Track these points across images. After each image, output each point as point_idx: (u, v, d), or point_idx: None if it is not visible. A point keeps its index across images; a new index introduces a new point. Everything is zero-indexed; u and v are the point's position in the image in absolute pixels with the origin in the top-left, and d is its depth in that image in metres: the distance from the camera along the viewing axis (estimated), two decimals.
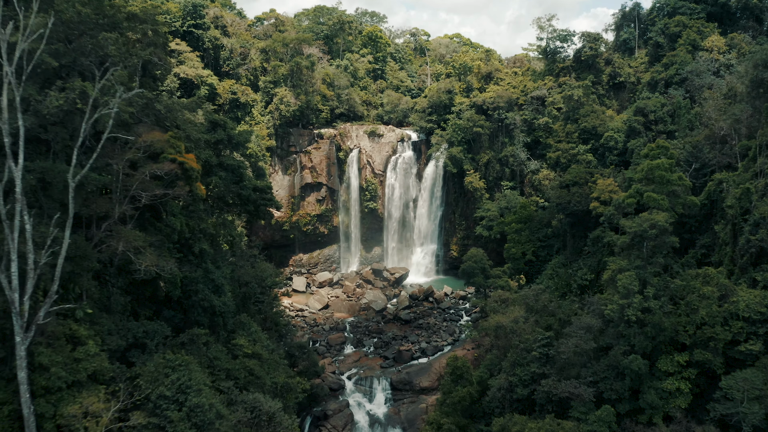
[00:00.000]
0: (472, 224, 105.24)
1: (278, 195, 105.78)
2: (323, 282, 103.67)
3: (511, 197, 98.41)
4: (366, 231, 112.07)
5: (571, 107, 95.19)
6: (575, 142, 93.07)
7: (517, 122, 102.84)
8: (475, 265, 74.50)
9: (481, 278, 74.75)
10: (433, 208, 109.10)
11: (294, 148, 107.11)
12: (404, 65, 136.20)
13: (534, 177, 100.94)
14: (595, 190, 75.08)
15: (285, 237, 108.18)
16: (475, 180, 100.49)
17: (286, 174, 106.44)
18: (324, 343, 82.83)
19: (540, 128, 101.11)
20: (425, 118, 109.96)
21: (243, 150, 58.19)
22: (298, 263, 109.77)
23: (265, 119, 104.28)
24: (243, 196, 51.50)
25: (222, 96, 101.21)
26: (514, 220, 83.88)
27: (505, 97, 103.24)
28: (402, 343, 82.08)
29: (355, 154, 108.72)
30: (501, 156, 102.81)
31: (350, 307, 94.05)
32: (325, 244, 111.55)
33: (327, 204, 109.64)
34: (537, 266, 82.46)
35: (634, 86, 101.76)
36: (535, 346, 54.89)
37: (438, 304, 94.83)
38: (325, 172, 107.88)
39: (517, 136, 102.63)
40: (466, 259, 75.82)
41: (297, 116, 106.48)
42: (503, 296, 67.08)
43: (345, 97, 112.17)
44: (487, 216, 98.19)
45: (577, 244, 78.71)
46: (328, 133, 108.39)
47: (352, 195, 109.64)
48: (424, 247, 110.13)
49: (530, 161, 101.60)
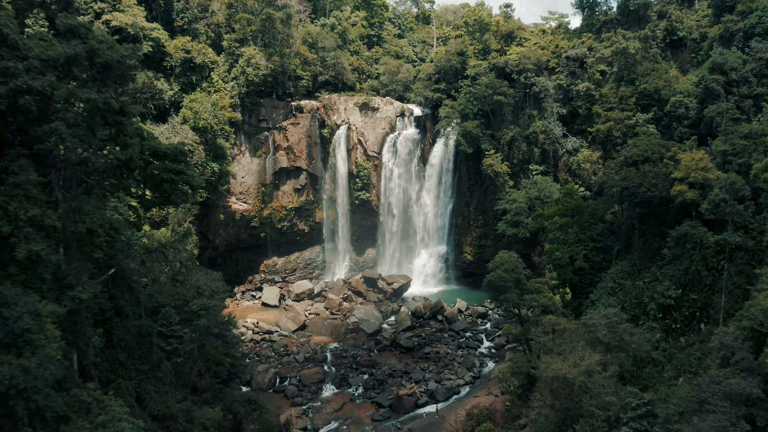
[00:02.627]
0: (491, 220, 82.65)
1: (244, 183, 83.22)
2: (301, 294, 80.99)
3: (543, 184, 75.85)
4: (357, 229, 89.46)
5: (624, 65, 72.70)
6: (631, 109, 70.55)
7: (549, 89, 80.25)
8: (506, 275, 51.84)
9: (514, 294, 52.09)
10: (442, 200, 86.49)
11: (265, 123, 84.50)
12: (404, 33, 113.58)
13: (571, 159, 78.46)
14: (677, 169, 52.62)
15: (254, 236, 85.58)
16: (496, 163, 77.85)
17: (255, 156, 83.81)
18: (295, 381, 60.23)
19: (579, 96, 78.48)
20: (431, 86, 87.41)
21: (127, 85, 35.25)
22: (271, 269, 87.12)
23: (228, 86, 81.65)
24: (125, 162, 28.90)
25: (173, 56, 78.56)
26: (557, 212, 61.23)
27: (533, 57, 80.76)
28: (402, 381, 59.46)
29: (343, 131, 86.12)
30: (528, 133, 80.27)
31: (334, 329, 71.36)
32: (305, 245, 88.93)
33: (307, 194, 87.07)
34: (589, 276, 59.77)
35: (697, 44, 78.99)
36: (627, 418, 32.63)
37: (450, 324, 72.09)
38: (305, 153, 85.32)
39: (549, 107, 80.00)
40: (494, 267, 53.15)
41: (269, 83, 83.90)
42: (555, 324, 44.44)
43: (331, 62, 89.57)
44: (512, 209, 75.59)
45: (649, 245, 56.05)
46: (310, 105, 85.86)
47: (340, 183, 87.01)
48: (430, 249, 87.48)
49: (567, 138, 78.97)
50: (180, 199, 36.03)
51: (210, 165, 74.25)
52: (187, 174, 33.78)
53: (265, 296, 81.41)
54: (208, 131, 74.42)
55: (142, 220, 71.84)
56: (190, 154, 72.44)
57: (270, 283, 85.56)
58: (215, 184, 76.54)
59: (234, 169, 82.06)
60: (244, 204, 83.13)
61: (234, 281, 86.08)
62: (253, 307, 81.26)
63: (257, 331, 71.83)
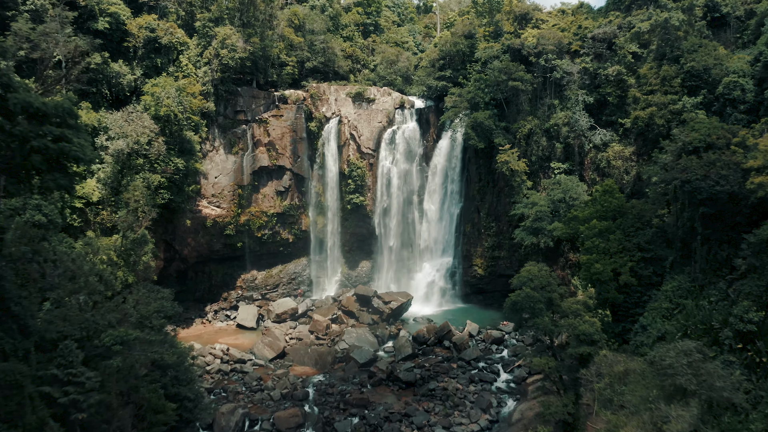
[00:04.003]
0: (505, 227, 70.76)
1: (217, 184, 71.48)
2: (283, 314, 68.82)
3: (569, 184, 64.04)
4: (349, 238, 77.56)
5: (665, 41, 61.28)
6: (676, 92, 58.98)
7: (573, 74, 68.76)
8: (536, 294, 39.79)
9: (546, 318, 40.02)
10: (448, 204, 74.65)
11: (243, 115, 72.96)
12: (404, 22, 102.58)
13: (599, 155, 66.79)
14: (752, 157, 41.01)
15: (229, 246, 73.63)
16: (512, 159, 66.08)
17: (231, 153, 72.13)
18: (268, 426, 47.95)
19: (608, 82, 66.93)
20: (435, 74, 75.94)
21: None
22: (250, 285, 75.01)
23: (200, 72, 70.25)
24: None
25: (135, 35, 67.26)
26: (595, 214, 49.23)
27: (553, 38, 69.39)
28: (401, 427, 47.10)
29: (334, 125, 74.53)
30: (549, 125, 68.65)
31: (319, 357, 59.13)
32: (288, 257, 76.94)
33: (292, 198, 75.31)
34: (636, 294, 47.65)
35: (742, 23, 67.69)
36: None
37: (459, 352, 59.79)
38: (289, 150, 73.70)
39: (573, 95, 68.42)
40: (519, 283, 41.13)
41: (248, 70, 72.50)
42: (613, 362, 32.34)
43: (320, 46, 78.24)
44: (531, 214, 63.70)
45: (715, 255, 44.12)
46: (295, 95, 74.40)
47: (329, 184, 75.27)
48: (433, 262, 75.47)
49: (595, 131, 67.30)
50: (60, 181, 24.05)
51: (173, 161, 62.53)
52: (69, 141, 21.86)
53: (241, 316, 69.30)
54: (171, 121, 62.76)
55: (92, 225, 60.24)
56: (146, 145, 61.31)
57: (247, 300, 73.44)
58: (180, 184, 64.73)
59: (205, 168, 70.40)
60: (217, 208, 71.28)
61: (206, 298, 74.11)
62: (226, 330, 69.17)
63: (227, 359, 59.64)
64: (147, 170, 61.34)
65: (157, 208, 60.96)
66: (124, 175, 60.52)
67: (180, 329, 68.46)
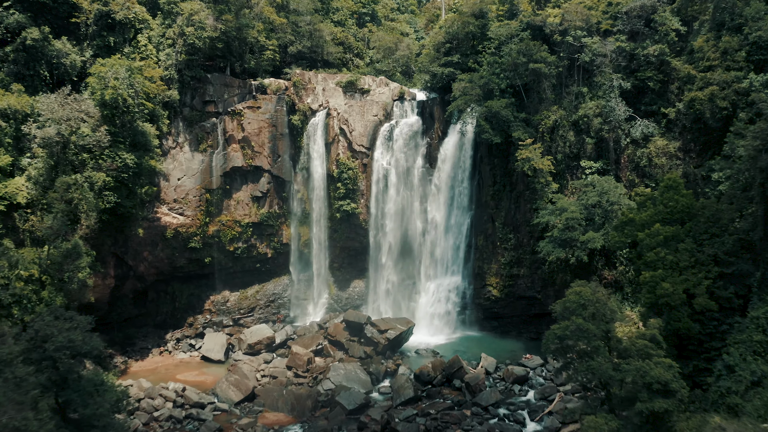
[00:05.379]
0: (526, 239, 58.99)
1: (181, 187, 60.02)
2: (256, 344, 56.75)
3: (606, 185, 52.48)
4: (339, 253, 65.71)
5: (721, 8, 50.18)
6: (741, 68, 47.69)
7: (606, 55, 57.57)
8: (591, 326, 27.86)
9: (606, 360, 27.99)
10: (456, 212, 62.95)
11: (214, 106, 61.70)
12: (404, 11, 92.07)
13: (639, 152, 55.39)
14: None
15: (196, 262, 61.86)
16: (535, 156, 54.57)
17: (198, 150, 60.70)
18: None
19: (648, 64, 55.72)
20: (440, 59, 64.78)
21: None
22: (220, 307, 63.05)
23: (163, 55, 59.22)
24: None
25: (86, 9, 56.37)
26: (655, 217, 37.37)
27: (580, 15, 58.36)
28: None
29: (321, 118, 63.22)
30: (578, 117, 57.33)
31: (297, 401, 46.87)
32: (267, 276, 65.08)
33: (271, 205, 63.68)
34: (711, 323, 35.62)
35: None
36: None
37: (473, 395, 47.45)
38: (268, 148, 62.30)
39: (606, 81, 57.11)
40: (565, 310, 29.31)
41: (220, 53, 61.49)
42: None
43: (306, 28, 67.26)
44: (559, 223, 52.00)
45: None
46: (276, 84, 63.26)
47: (315, 189, 63.72)
48: (439, 282, 63.42)
49: (634, 122, 55.93)
50: None
51: (120, 155, 51.00)
52: None
53: (207, 346, 57.31)
54: (120, 107, 51.35)
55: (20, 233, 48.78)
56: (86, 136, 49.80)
57: (216, 327, 61.44)
58: (130, 184, 53.02)
59: (166, 168, 58.97)
60: (180, 216, 59.63)
61: (169, 324, 62.14)
62: (189, 362, 57.20)
63: (182, 402, 47.51)
64: (90, 168, 49.99)
65: (99, 213, 49.39)
66: (59, 171, 49.15)
67: (132, 361, 56.69)
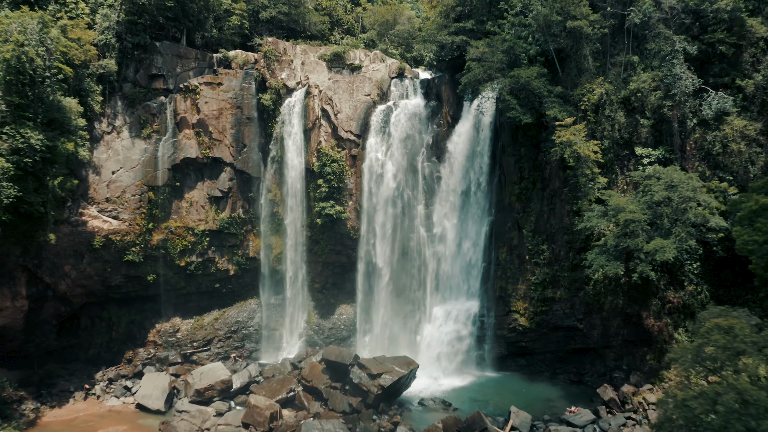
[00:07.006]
0: (564, 250, 44.97)
1: (116, 183, 46.48)
2: (207, 389, 42.34)
3: (674, 175, 38.78)
4: (321, 270, 51.66)
5: None
6: None
7: (665, 12, 44.36)
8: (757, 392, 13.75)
9: None
10: (471, 218, 49.07)
11: (163, 82, 48.54)
12: None
13: (710, 135, 41.79)
14: None
15: (136, 280, 47.94)
16: (578, 139, 40.96)
17: (140, 137, 47.31)
18: None
19: (719, 23, 42.50)
20: (450, 27, 51.69)
21: None
22: (168, 339, 48.87)
23: (98, 16, 46.40)
24: None
25: None
26: None
27: None
28: None
29: (299, 97, 49.99)
30: (629, 92, 43.89)
31: None
32: (230, 299, 51.02)
33: (234, 208, 49.98)
34: None
35: None
36: None
37: None
38: (231, 135, 48.93)
39: (665, 46, 43.76)
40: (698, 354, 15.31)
41: (171, 14, 48.69)
42: None
43: None
44: (612, 228, 38.15)
45: None
46: (242, 57, 50.27)
47: (291, 188, 50.10)
48: (450, 307, 49.11)
49: (705, 97, 42.45)
50: None
51: (24, 134, 37.56)
52: None
53: (144, 391, 43.04)
54: (26, 71, 38.13)
55: None
56: None
57: (160, 364, 47.23)
58: (40, 175, 39.46)
59: (97, 157, 45.61)
60: (114, 220, 45.90)
61: (102, 359, 48.12)
62: (120, 412, 42.85)
63: None
64: None
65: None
66: None
67: (47, 409, 42.77)
